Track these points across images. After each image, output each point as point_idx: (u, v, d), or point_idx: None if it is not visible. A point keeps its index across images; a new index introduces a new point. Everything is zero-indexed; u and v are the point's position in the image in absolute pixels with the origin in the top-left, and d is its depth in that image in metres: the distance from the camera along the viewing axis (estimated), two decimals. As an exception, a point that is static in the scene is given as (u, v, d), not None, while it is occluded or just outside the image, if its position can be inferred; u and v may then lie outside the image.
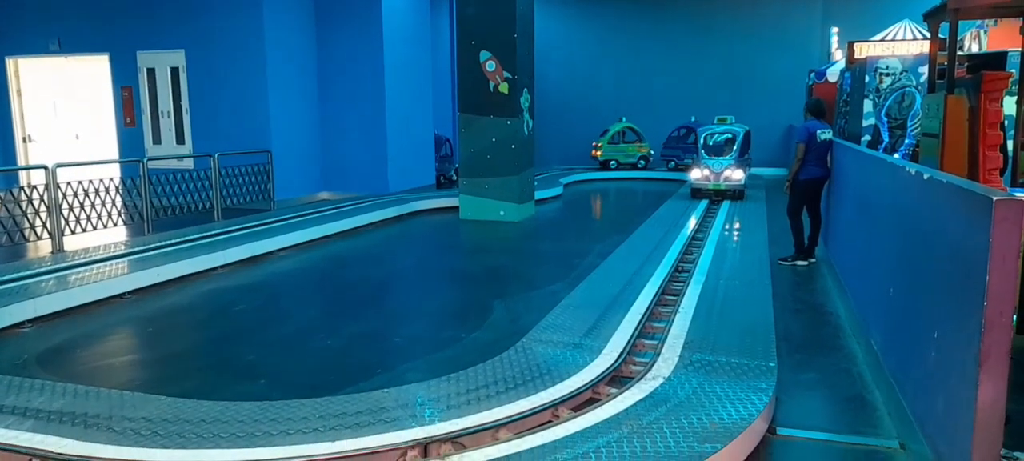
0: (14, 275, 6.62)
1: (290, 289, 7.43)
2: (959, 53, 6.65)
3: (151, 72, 13.13)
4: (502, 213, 11.15)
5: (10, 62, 13.99)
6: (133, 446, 3.29)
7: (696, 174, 12.48)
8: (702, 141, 12.66)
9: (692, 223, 9.77)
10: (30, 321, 5.75)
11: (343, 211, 11.01)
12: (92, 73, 13.88)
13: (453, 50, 16.68)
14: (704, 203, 11.81)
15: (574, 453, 3.15)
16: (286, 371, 4.87)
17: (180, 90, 12.98)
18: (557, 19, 20.41)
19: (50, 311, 5.94)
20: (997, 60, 6.32)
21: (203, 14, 12.50)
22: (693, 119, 18.05)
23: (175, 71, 12.94)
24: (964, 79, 5.61)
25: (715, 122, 13.17)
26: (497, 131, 11.05)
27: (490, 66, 10.92)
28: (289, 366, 4.97)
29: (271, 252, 8.61)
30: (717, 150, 12.35)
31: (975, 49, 10.98)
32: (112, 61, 13.33)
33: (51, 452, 3.24)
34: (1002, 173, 5.28)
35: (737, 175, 12.14)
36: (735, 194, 12.22)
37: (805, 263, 7.82)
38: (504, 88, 10.92)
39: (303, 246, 9.12)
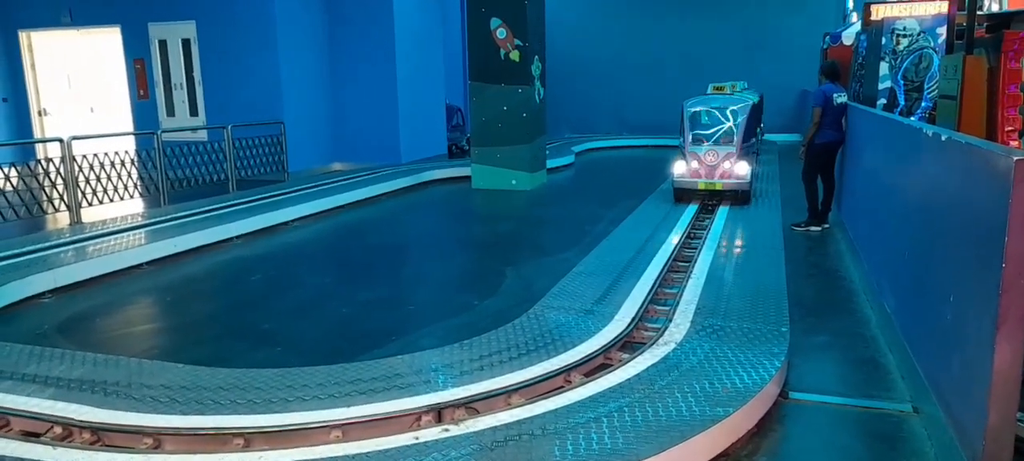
0: (34, 246, 6.72)
1: (305, 258, 7.48)
2: (979, 13, 6.51)
3: (163, 44, 13.11)
4: (514, 182, 11.12)
5: (23, 35, 14.01)
6: (152, 412, 3.35)
7: (680, 168, 8.62)
8: (689, 120, 8.84)
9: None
10: (50, 292, 5.84)
11: (356, 181, 11.03)
12: (104, 45, 13.89)
13: (463, 18, 16.52)
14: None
15: (586, 418, 3.17)
16: (302, 338, 4.92)
17: (192, 62, 12.97)
18: (568, -16, 20.15)
19: (69, 282, 6.02)
20: (1018, 19, 6.17)
21: (212, -16, 12.45)
22: None
23: (186, 43, 12.91)
24: (983, 39, 5.50)
25: (709, 91, 9.55)
26: (508, 99, 10.97)
27: (501, 34, 10.82)
28: (305, 333, 5.02)
29: (285, 222, 8.66)
30: (711, 132, 8.63)
31: (995, 8, 10.75)
32: (124, 33, 13.32)
33: (72, 419, 3.30)
34: (1021, 135, 5.20)
35: (741, 169, 8.38)
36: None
37: (818, 229, 7.76)
38: (515, 56, 10.82)
39: (317, 216, 9.16)
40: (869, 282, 5.40)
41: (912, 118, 8.46)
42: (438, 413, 3.31)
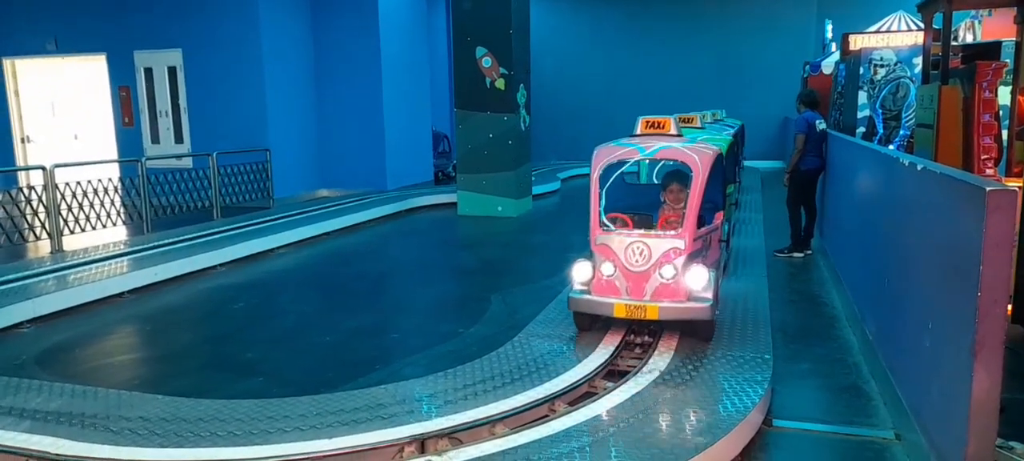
0: (13, 275, 6.63)
1: (289, 286, 7.44)
2: (953, 43, 6.64)
3: (148, 71, 13.11)
4: (500, 208, 11.16)
5: (7, 62, 13.96)
6: (130, 445, 3.30)
7: (582, 273, 4.58)
8: (600, 184, 4.78)
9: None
10: (29, 321, 5.77)
11: (342, 208, 11.02)
12: (90, 73, 13.86)
13: (449, 46, 16.65)
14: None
15: (570, 447, 3.16)
16: (285, 368, 4.88)
17: (178, 89, 12.96)
18: (552, 13, 20.38)
19: (49, 311, 5.95)
20: (991, 50, 6.31)
21: (200, 13, 12.46)
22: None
23: (172, 70, 12.91)
24: (958, 69, 5.61)
25: (637, 129, 5.26)
26: (494, 127, 11.05)
27: (486, 62, 10.91)
28: (288, 363, 4.98)
29: (270, 250, 8.62)
30: (638, 207, 5.24)
31: (969, 39, 10.98)
32: (109, 61, 13.30)
33: (48, 453, 3.24)
34: (997, 164, 5.29)
35: (695, 280, 4.28)
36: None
37: (801, 255, 7.83)
38: (500, 84, 10.91)
39: (302, 243, 9.12)
40: (851, 308, 5.44)
41: (891, 146, 8.59)
42: (421, 444, 3.29)
